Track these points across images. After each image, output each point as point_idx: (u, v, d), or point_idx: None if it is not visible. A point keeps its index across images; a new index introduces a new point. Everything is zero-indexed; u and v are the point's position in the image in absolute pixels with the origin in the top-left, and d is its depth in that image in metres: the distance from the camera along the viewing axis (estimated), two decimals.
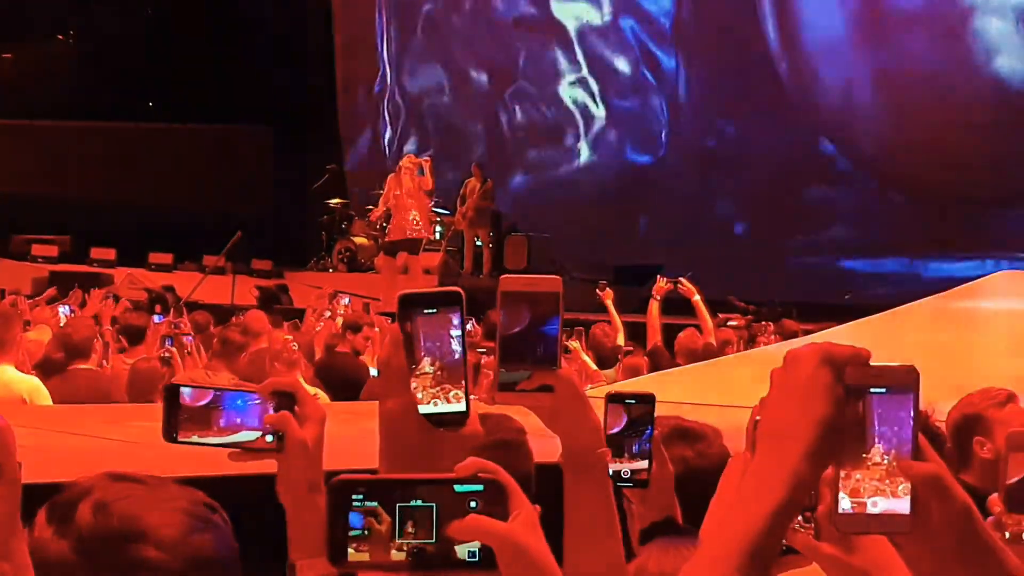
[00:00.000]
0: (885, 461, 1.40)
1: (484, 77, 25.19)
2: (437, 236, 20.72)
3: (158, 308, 12.14)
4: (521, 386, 1.79)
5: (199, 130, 25.53)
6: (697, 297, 10.46)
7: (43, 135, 24.90)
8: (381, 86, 26.41)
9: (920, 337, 8.40)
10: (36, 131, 24.85)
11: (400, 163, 19.73)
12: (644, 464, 2.54)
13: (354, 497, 1.45)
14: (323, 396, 7.26)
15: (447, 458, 1.54)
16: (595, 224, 22.83)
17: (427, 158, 19.24)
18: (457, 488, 1.46)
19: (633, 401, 2.54)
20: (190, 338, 8.85)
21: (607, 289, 11.20)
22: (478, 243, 20.60)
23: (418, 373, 1.71)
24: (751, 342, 11.06)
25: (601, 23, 24.30)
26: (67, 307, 9.62)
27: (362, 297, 14.92)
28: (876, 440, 1.40)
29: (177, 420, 1.91)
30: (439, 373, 1.71)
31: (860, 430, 1.40)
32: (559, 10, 24.53)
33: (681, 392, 6.77)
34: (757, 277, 19.55)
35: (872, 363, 1.42)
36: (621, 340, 10.52)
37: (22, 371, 7.08)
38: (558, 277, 1.86)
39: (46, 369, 7.47)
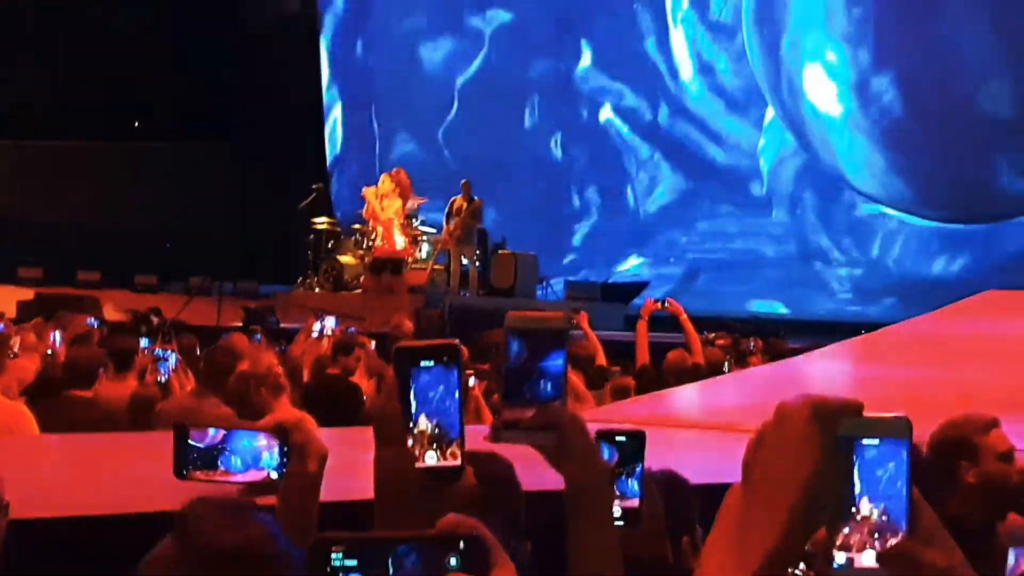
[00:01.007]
0: (875, 514, 1.39)
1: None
2: (424, 255, 20.71)
3: (144, 331, 12.09)
4: (525, 424, 1.78)
5: (184, 150, 25.50)
6: (685, 316, 10.44)
7: (26, 155, 24.85)
8: (366, 105, 26.46)
9: (908, 357, 8.42)
10: (18, 151, 24.81)
11: (378, 184, 19.70)
12: (635, 503, 2.53)
13: (333, 556, 1.43)
14: (310, 421, 7.22)
15: (442, 511, 1.53)
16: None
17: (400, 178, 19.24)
18: (438, 545, 1.45)
19: (623, 439, 2.53)
20: (175, 360, 8.81)
21: (581, 312, 11.20)
22: (465, 261, 20.59)
23: (416, 431, 1.70)
24: (740, 361, 11.05)
25: None
26: (58, 332, 9.56)
27: (348, 317, 14.88)
28: (868, 493, 1.39)
29: (187, 459, 1.96)
30: (436, 430, 1.70)
31: (852, 483, 1.39)
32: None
33: (675, 415, 6.78)
34: None
35: (865, 414, 1.41)
36: (602, 360, 10.53)
37: (8, 396, 7.04)
38: (564, 314, 1.85)
39: (38, 394, 7.42)
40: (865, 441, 1.40)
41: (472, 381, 8.38)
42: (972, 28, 19.84)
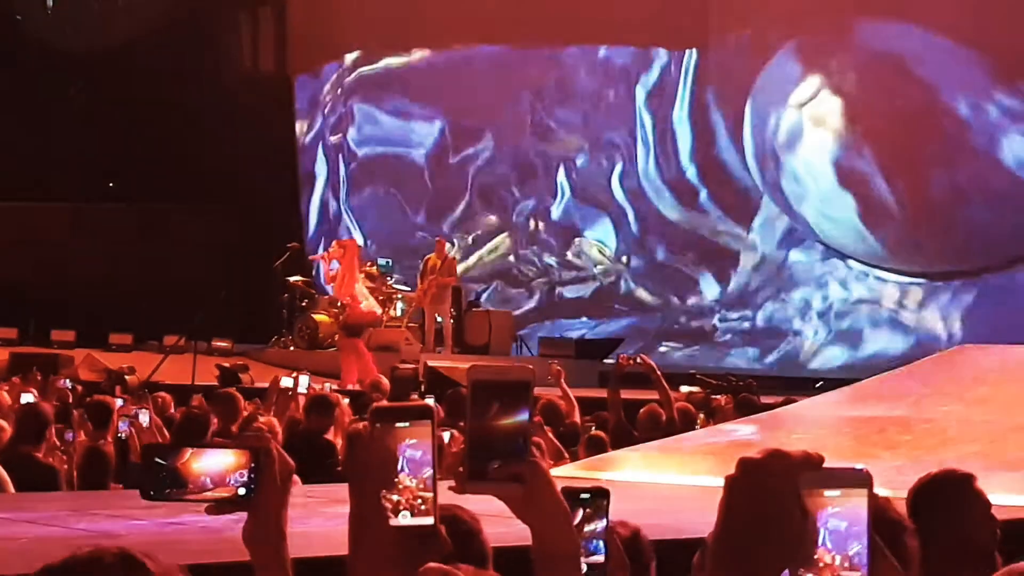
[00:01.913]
0: (837, 562, 1.44)
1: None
2: (398, 313, 20.73)
3: (118, 390, 12.09)
4: (491, 475, 1.78)
5: (159, 209, 25.51)
6: (657, 372, 10.49)
7: (0, 215, 24.82)
8: (342, 163, 26.55)
9: (882, 410, 8.49)
10: None
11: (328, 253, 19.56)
12: (600, 559, 2.55)
13: None
14: (296, 481, 7.24)
15: (415, 569, 1.57)
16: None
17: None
18: None
19: (588, 496, 2.55)
20: (148, 419, 8.81)
21: (558, 368, 11.22)
22: (439, 319, 20.61)
23: (400, 486, 1.74)
24: (711, 416, 11.10)
25: None
26: (31, 394, 9.55)
27: (322, 376, 14.89)
28: (829, 543, 1.44)
29: (154, 478, 1.97)
30: (419, 486, 1.74)
31: (815, 534, 1.43)
32: None
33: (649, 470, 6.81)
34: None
35: (824, 467, 1.46)
36: (577, 417, 10.56)
37: None
38: (529, 366, 1.88)
39: (11, 455, 7.41)
40: (827, 493, 1.44)
41: (447, 437, 8.42)
42: None
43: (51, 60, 25.02)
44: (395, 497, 1.74)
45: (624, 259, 24.10)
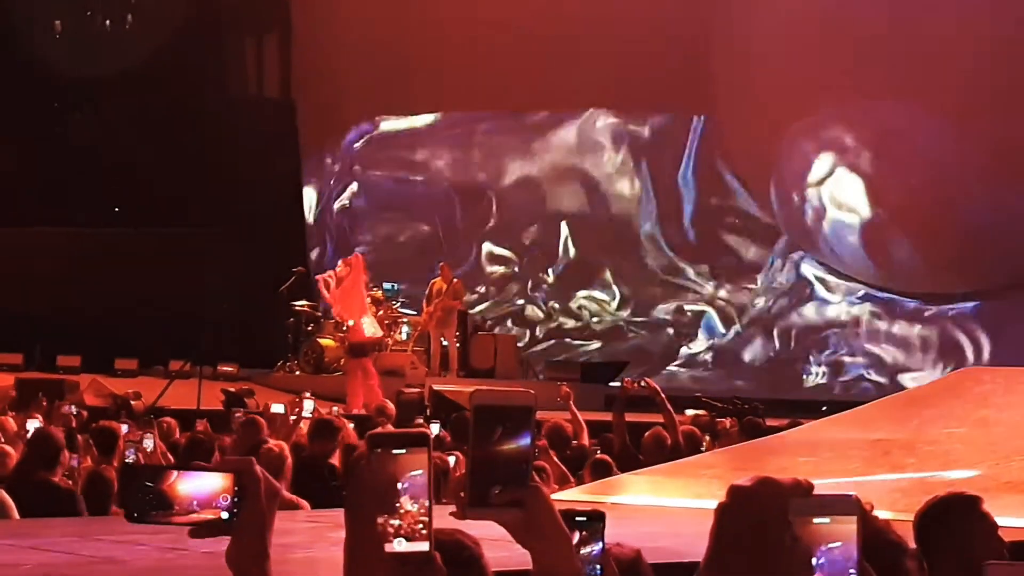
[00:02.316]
0: None
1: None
2: (404, 337, 20.73)
3: (124, 415, 12.09)
4: (492, 500, 1.79)
5: (164, 234, 25.55)
6: (662, 396, 10.50)
7: (4, 241, 24.86)
8: (346, 187, 26.60)
9: (887, 433, 8.48)
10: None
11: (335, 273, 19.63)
12: None
13: None
14: (305, 505, 7.26)
15: None
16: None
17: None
18: None
19: (584, 519, 2.55)
20: (152, 444, 8.81)
21: (567, 389, 11.25)
22: (444, 343, 20.61)
23: (402, 510, 1.75)
24: (716, 439, 11.09)
25: None
26: (37, 420, 9.56)
27: (328, 400, 14.89)
28: (821, 569, 1.44)
29: (138, 500, 1.97)
30: (420, 511, 1.75)
31: (806, 559, 1.44)
32: None
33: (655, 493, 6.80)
34: None
35: (815, 494, 1.46)
36: (586, 439, 10.56)
37: None
38: (531, 392, 1.87)
39: (17, 481, 7.41)
40: (816, 520, 1.44)
41: (452, 460, 8.43)
42: None
43: (57, 85, 25.10)
44: (395, 522, 1.75)
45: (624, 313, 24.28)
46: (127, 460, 7.95)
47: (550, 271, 24.77)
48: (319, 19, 26.50)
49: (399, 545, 1.75)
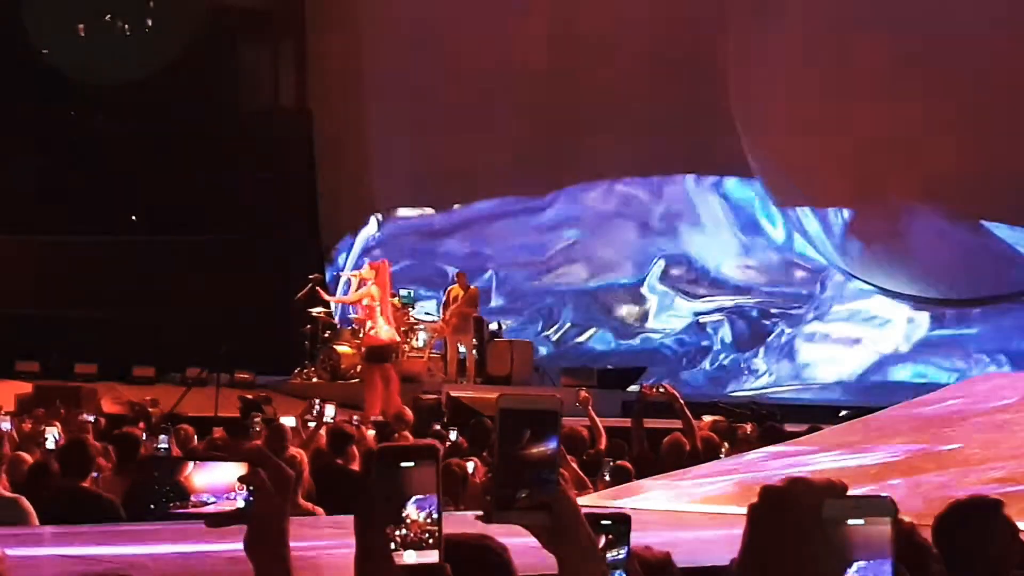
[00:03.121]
0: None
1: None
2: (420, 343, 20.74)
3: (141, 424, 12.11)
4: (518, 505, 1.78)
5: (180, 242, 25.61)
6: (681, 401, 10.49)
7: (20, 249, 24.95)
8: (364, 195, 26.62)
9: (907, 437, 8.46)
10: (12, 245, 24.91)
11: (360, 273, 19.77)
12: None
13: None
14: (321, 512, 7.26)
15: None
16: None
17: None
18: None
19: (609, 522, 2.54)
20: (165, 448, 8.83)
21: (586, 394, 11.23)
22: (461, 349, 20.62)
23: (408, 520, 1.75)
24: (735, 445, 11.06)
25: None
26: (56, 428, 9.57)
27: (347, 407, 14.90)
28: (855, 572, 1.42)
29: (155, 493, 1.98)
30: (426, 520, 1.75)
31: (839, 562, 1.42)
32: None
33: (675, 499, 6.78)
34: None
35: (848, 495, 1.45)
36: (603, 445, 10.55)
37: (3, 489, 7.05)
38: (557, 395, 1.87)
39: (35, 487, 7.41)
40: (850, 521, 1.43)
41: (471, 467, 8.42)
42: None
43: (75, 92, 25.18)
44: (402, 533, 1.75)
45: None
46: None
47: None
48: (335, 26, 26.56)
49: (408, 557, 1.75)
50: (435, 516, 1.77)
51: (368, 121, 26.34)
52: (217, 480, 1.81)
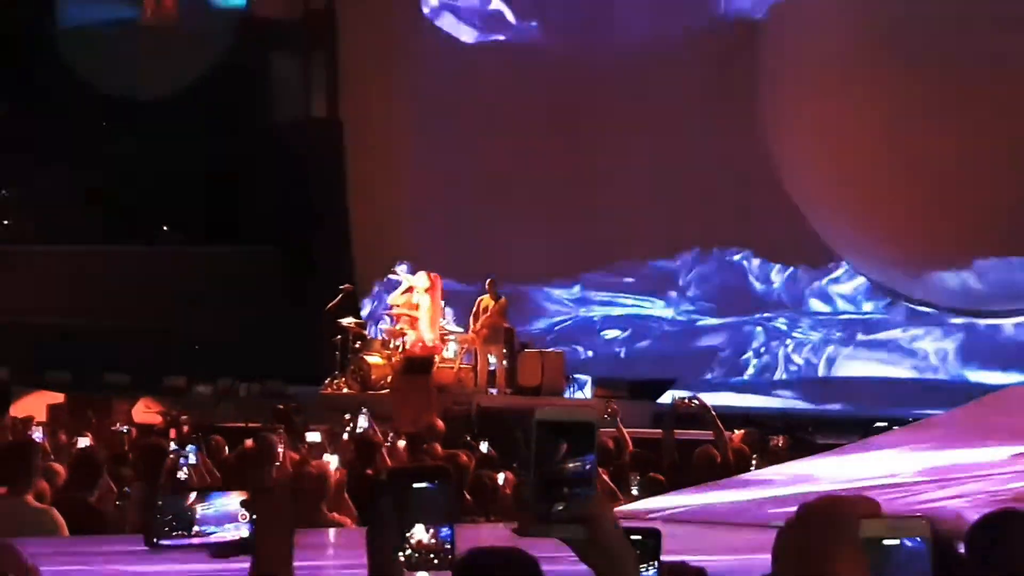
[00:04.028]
0: None
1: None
2: (451, 354, 20.75)
3: (173, 433, 12.15)
4: (555, 517, 1.76)
5: (213, 252, 25.71)
6: (712, 413, 10.46)
7: (51, 261, 25.09)
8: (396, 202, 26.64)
9: (936, 449, 8.40)
10: (43, 257, 25.06)
11: (413, 279, 20.02)
12: None
13: None
14: (348, 523, 7.25)
15: None
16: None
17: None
18: None
19: (639, 537, 2.52)
20: (194, 456, 8.85)
21: (614, 407, 11.24)
22: (492, 360, 20.61)
23: (416, 540, 1.74)
24: (766, 457, 11.01)
25: None
26: (87, 438, 9.62)
27: (380, 420, 14.91)
28: None
29: (159, 525, 1.97)
30: (432, 542, 1.74)
31: None
32: None
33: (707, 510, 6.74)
34: None
35: (885, 515, 1.43)
36: (628, 455, 10.53)
37: (39, 502, 7.07)
38: (594, 407, 1.86)
39: (68, 498, 7.44)
40: (886, 541, 1.42)
41: (501, 478, 8.40)
42: None
43: (106, 105, 25.32)
44: (408, 551, 1.75)
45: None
46: (179, 478, 7.98)
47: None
48: (367, 37, 26.63)
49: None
50: (445, 537, 1.75)
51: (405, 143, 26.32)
52: (220, 510, 1.82)
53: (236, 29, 25.62)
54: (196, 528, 1.99)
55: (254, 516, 1.96)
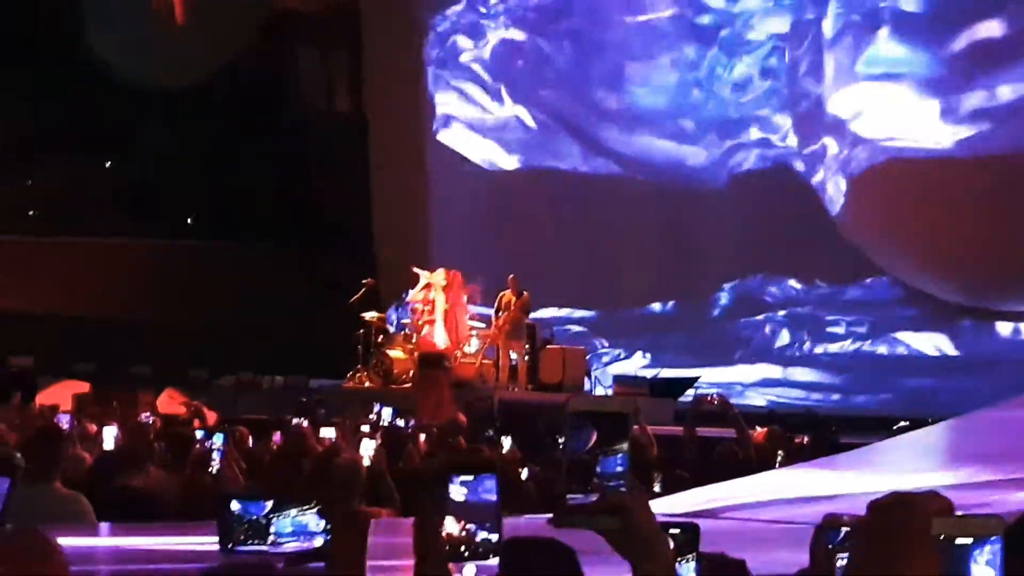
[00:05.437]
0: None
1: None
2: (472, 349, 20.75)
3: (197, 423, 12.18)
4: (590, 508, 1.76)
5: (236, 247, 25.77)
6: (735, 411, 10.45)
7: (78, 253, 25.18)
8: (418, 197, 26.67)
9: (977, 449, 8.37)
10: (70, 248, 25.15)
11: (431, 276, 20.02)
12: None
13: None
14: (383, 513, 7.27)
15: None
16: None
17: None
18: None
19: (677, 531, 2.51)
20: (221, 443, 8.88)
21: (636, 405, 11.22)
22: (513, 356, 20.61)
23: (463, 531, 1.76)
24: (789, 455, 11.00)
25: None
26: (113, 428, 9.65)
27: (402, 413, 14.94)
28: None
29: (234, 531, 1.99)
30: (464, 534, 1.77)
31: None
32: None
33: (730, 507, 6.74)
34: None
35: (957, 514, 1.42)
36: (655, 452, 10.52)
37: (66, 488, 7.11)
38: (628, 397, 1.87)
39: (94, 485, 7.48)
40: (959, 540, 1.41)
41: (525, 473, 8.42)
42: None
43: (133, 99, 25.40)
44: (455, 542, 1.77)
45: None
46: (210, 469, 8.01)
47: None
48: (390, 33, 26.65)
49: (468, 573, 1.83)
50: (492, 527, 1.78)
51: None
52: (295, 520, 1.84)
53: (259, 23, 25.65)
54: (271, 537, 2.02)
55: (328, 525, 2.00)
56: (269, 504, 2.02)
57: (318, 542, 2.01)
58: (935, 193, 21.43)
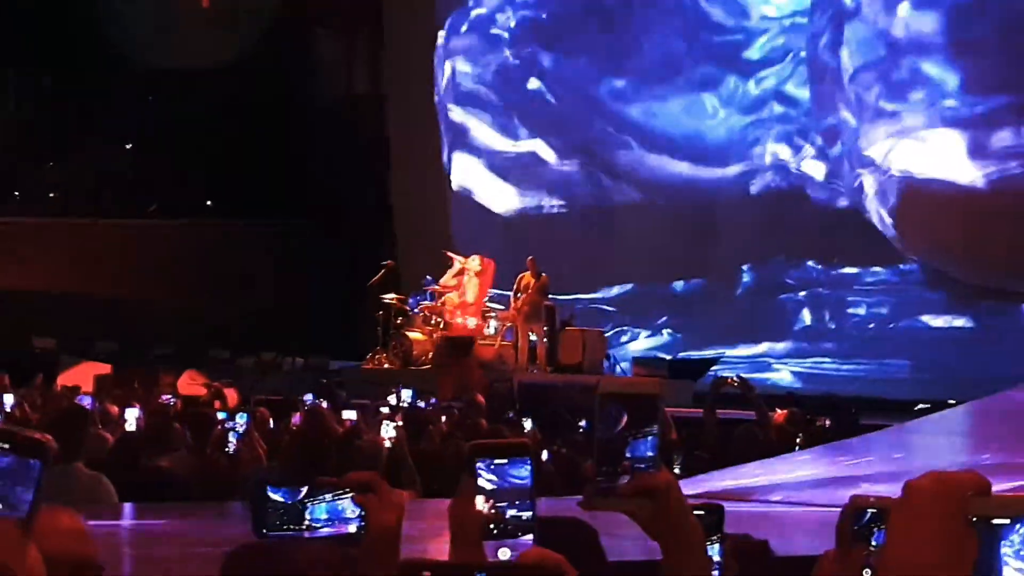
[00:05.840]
0: None
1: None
2: (492, 331, 20.77)
3: (218, 404, 12.23)
4: (620, 491, 1.75)
5: (256, 227, 25.82)
6: (755, 393, 10.44)
7: (99, 234, 25.26)
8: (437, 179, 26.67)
9: (1000, 430, 8.36)
10: (92, 229, 25.23)
11: (466, 262, 20.08)
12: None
13: None
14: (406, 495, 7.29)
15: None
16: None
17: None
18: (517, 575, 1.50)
19: (702, 513, 2.52)
20: (246, 421, 8.92)
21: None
22: (532, 338, 20.62)
23: (502, 512, 1.78)
24: (809, 438, 10.99)
25: None
26: (136, 409, 9.70)
27: (422, 394, 14.97)
28: (1002, 573, 1.38)
29: (269, 516, 2.00)
30: (519, 515, 1.78)
31: (987, 564, 1.38)
32: None
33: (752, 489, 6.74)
34: None
35: (995, 494, 1.41)
36: (674, 435, 10.52)
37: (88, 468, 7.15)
38: (657, 379, 1.88)
39: (116, 465, 7.52)
40: (996, 521, 1.37)
41: (545, 455, 8.43)
42: None
43: (154, 81, 25.45)
44: (492, 522, 1.79)
45: None
46: (227, 450, 8.05)
47: None
48: (410, 15, 26.63)
49: (503, 556, 1.80)
50: (527, 508, 1.79)
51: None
52: (329, 504, 1.84)
53: (280, 4, 25.66)
54: (307, 522, 2.03)
55: (363, 510, 2.02)
56: (304, 489, 2.04)
57: (352, 528, 2.02)
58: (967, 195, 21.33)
